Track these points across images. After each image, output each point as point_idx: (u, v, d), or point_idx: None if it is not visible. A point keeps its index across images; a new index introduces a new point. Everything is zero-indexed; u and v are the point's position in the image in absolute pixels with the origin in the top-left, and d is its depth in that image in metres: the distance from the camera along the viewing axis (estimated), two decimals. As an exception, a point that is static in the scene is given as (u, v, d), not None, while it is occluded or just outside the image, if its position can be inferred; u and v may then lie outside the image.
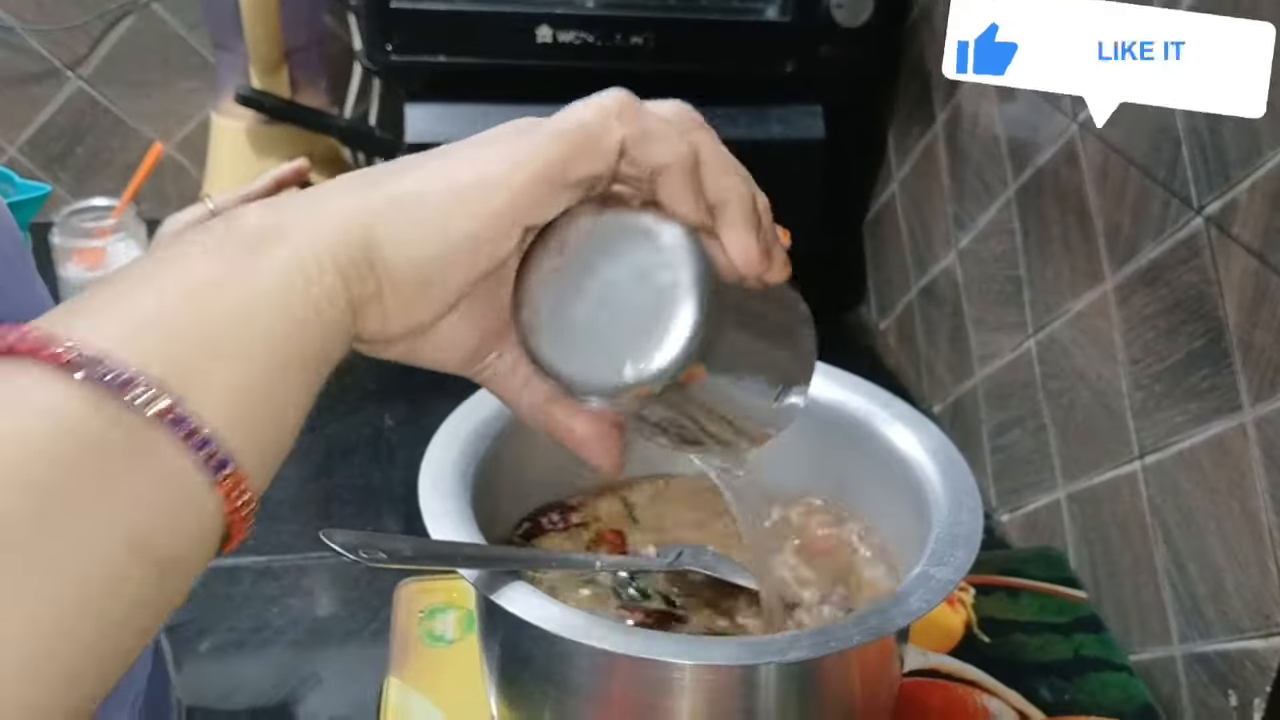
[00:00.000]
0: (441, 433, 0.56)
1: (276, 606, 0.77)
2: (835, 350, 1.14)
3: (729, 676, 0.48)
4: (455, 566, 0.49)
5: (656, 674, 0.48)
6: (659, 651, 0.46)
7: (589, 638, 0.46)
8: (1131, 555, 0.76)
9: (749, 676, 0.48)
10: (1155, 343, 0.73)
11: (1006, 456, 0.93)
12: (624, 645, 0.46)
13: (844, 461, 0.62)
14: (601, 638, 0.46)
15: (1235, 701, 0.67)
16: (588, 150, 0.37)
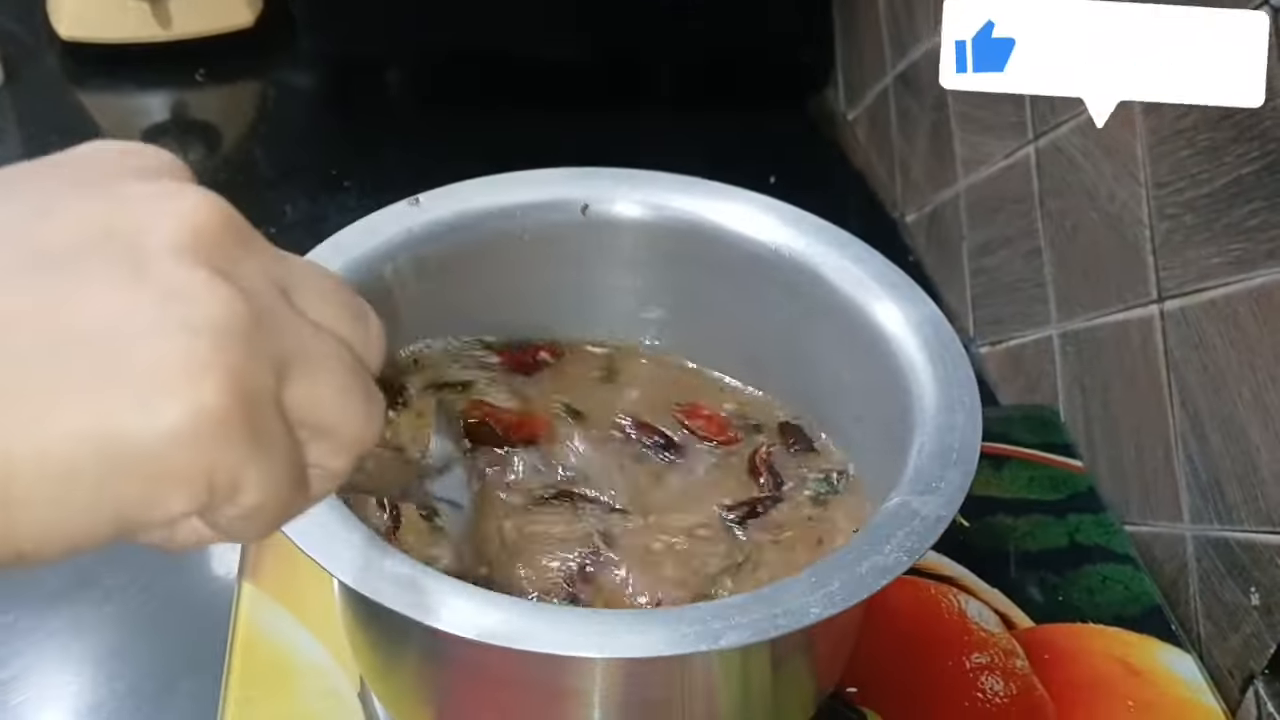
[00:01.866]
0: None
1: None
2: (793, 143, 1.01)
3: (648, 665, 0.36)
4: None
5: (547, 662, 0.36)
6: (553, 643, 0.34)
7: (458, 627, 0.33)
8: (1138, 413, 0.64)
9: (675, 663, 0.36)
10: (1191, 162, 0.59)
11: (990, 280, 0.80)
12: (504, 635, 0.33)
13: (798, 335, 0.48)
14: (473, 626, 0.33)
15: (1258, 601, 0.56)
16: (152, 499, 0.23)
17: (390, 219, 0.48)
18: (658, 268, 0.52)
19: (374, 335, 0.27)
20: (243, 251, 0.24)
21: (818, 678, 0.44)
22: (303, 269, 0.26)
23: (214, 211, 0.24)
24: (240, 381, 0.23)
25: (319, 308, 0.26)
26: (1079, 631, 0.56)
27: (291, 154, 0.95)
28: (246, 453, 0.23)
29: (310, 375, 0.25)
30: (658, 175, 0.52)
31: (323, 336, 0.25)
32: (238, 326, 0.23)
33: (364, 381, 0.26)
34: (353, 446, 0.26)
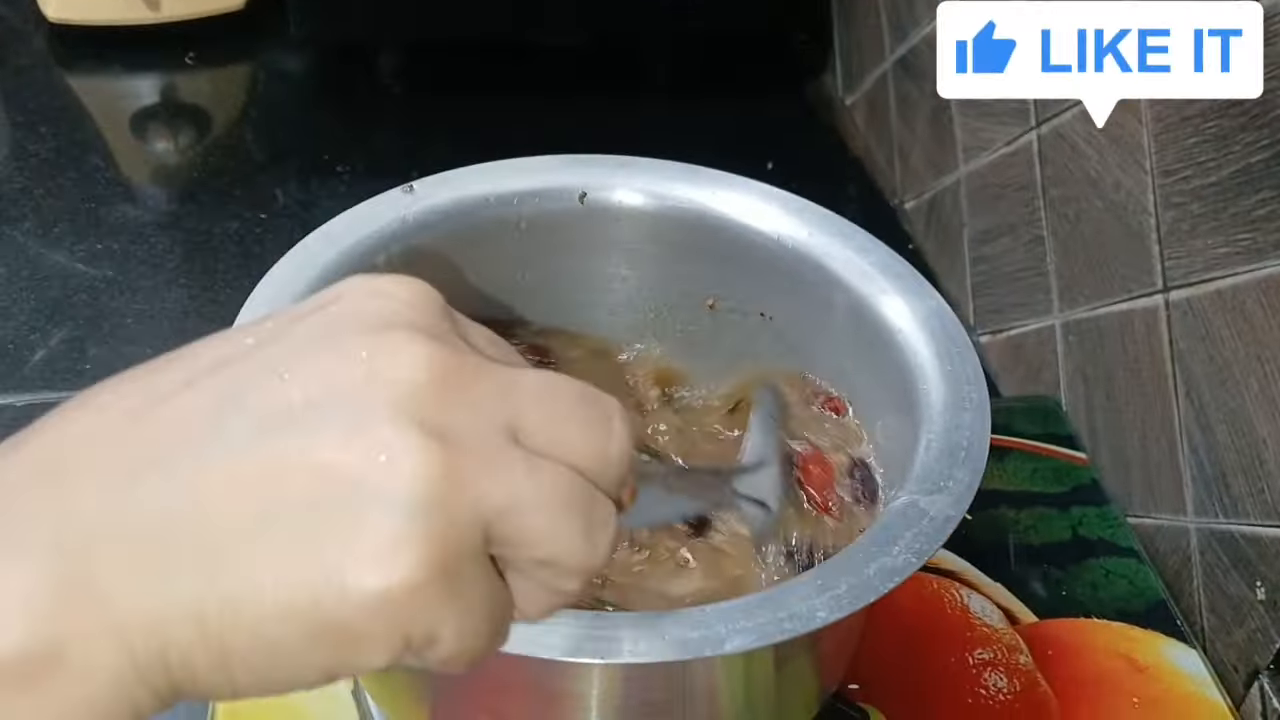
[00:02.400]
0: (252, 302, 0.41)
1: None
2: (791, 129, 1.00)
3: (650, 670, 0.35)
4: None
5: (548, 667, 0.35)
6: (555, 649, 0.33)
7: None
8: (1142, 404, 0.64)
9: (677, 668, 0.35)
10: (1198, 150, 0.58)
11: (991, 269, 0.79)
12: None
13: (799, 328, 0.47)
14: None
15: (1263, 595, 0.55)
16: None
17: (384, 206, 0.47)
18: (657, 257, 0.51)
19: (616, 444, 0.27)
20: (460, 398, 0.25)
21: (821, 677, 0.43)
22: (535, 394, 0.26)
23: (432, 364, 0.25)
24: (436, 550, 0.23)
25: (549, 433, 0.26)
26: (1083, 627, 0.55)
27: (283, 138, 0.94)
28: (442, 614, 0.24)
29: (521, 516, 0.25)
30: (657, 163, 0.51)
31: (541, 471, 0.25)
32: (437, 494, 0.24)
33: (586, 508, 0.26)
34: (578, 573, 0.26)
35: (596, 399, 0.27)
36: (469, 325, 0.27)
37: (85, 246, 0.80)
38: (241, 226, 0.84)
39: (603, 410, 0.27)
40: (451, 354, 0.25)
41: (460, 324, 0.27)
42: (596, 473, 0.26)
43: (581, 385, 0.27)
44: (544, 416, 0.26)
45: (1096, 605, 0.56)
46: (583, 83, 1.00)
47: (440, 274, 0.49)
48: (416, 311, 0.26)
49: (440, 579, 0.23)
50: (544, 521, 0.25)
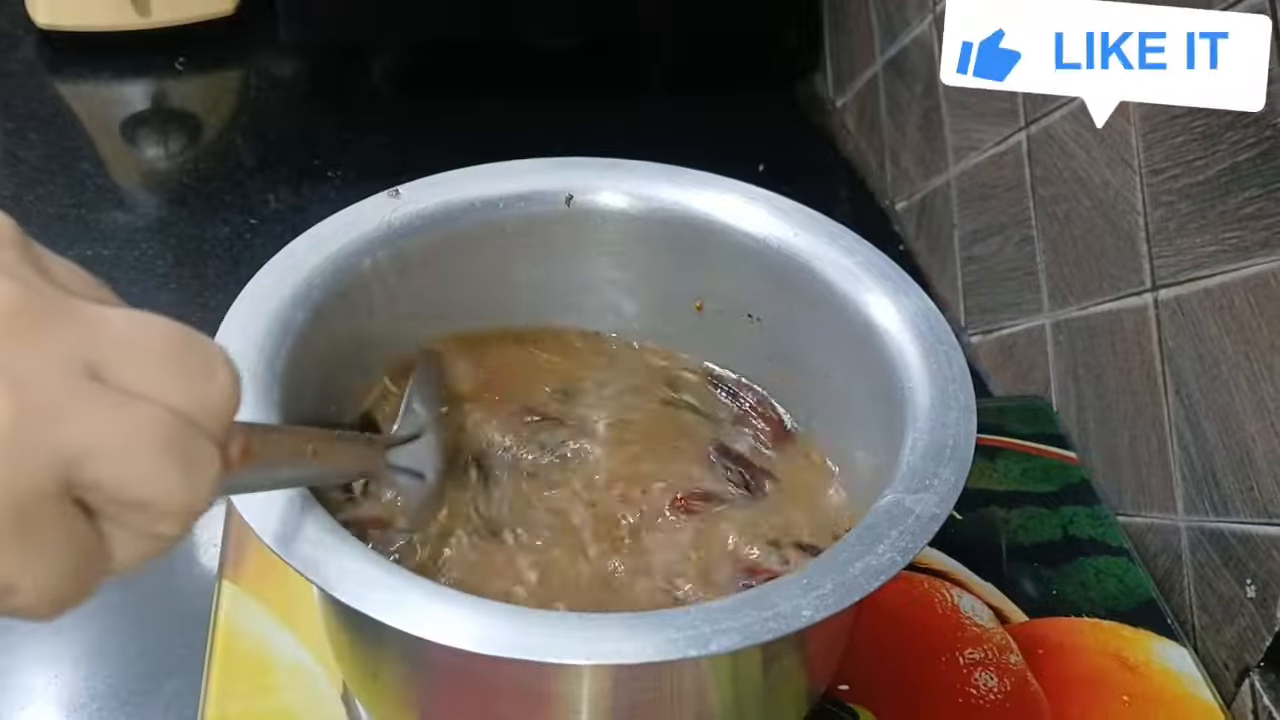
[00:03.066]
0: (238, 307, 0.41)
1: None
2: (780, 130, 0.99)
3: (637, 671, 0.35)
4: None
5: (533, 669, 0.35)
6: (539, 650, 0.33)
7: (441, 634, 0.32)
8: (1132, 402, 0.64)
9: (664, 668, 0.35)
10: (1186, 149, 0.58)
11: (982, 269, 0.79)
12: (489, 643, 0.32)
13: (786, 329, 0.47)
14: (457, 633, 0.32)
15: (1253, 594, 0.55)
16: None
17: (370, 210, 0.47)
18: (644, 260, 0.51)
19: (217, 389, 0.26)
20: (32, 336, 0.24)
21: (810, 678, 0.43)
22: (123, 332, 0.25)
23: (2, 302, 0.23)
24: (2, 495, 0.22)
25: (138, 372, 0.25)
26: (1073, 626, 0.55)
27: (273, 144, 0.94)
28: (15, 561, 0.23)
29: (106, 457, 0.24)
30: (643, 165, 0.51)
31: (127, 409, 0.24)
32: (3, 439, 0.22)
33: (183, 448, 0.25)
34: (177, 515, 0.25)
35: (197, 342, 0.26)
36: (52, 259, 0.26)
37: (75, 252, 0.80)
38: (232, 232, 0.84)
39: (203, 354, 0.26)
40: (19, 289, 0.24)
41: (42, 258, 0.26)
42: (194, 414, 0.25)
43: (182, 328, 0.26)
44: (133, 355, 0.25)
45: (1087, 604, 0.56)
46: (572, 86, 1.00)
47: (427, 277, 0.49)
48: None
49: (10, 526, 0.23)
50: (131, 462, 0.24)
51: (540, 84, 1.00)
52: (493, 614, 0.34)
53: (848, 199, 0.91)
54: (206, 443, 0.26)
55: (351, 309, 0.45)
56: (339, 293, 0.44)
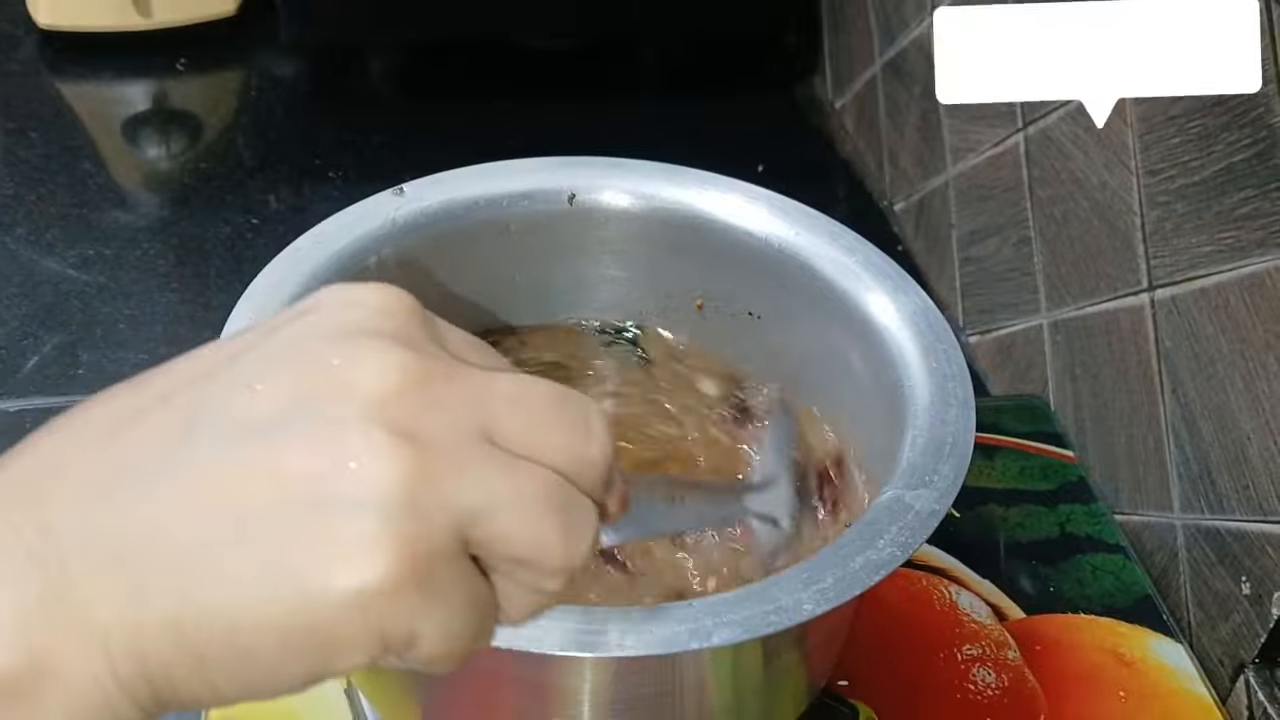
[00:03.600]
0: (242, 305, 0.41)
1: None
2: (779, 132, 1.00)
3: (639, 664, 0.36)
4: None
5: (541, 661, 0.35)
6: (544, 643, 0.33)
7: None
8: (1129, 401, 0.64)
9: (666, 661, 0.36)
10: (1182, 150, 0.59)
11: (979, 269, 0.80)
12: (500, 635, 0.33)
13: (786, 327, 0.48)
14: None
15: (1248, 590, 0.56)
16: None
17: (374, 208, 0.48)
18: (645, 258, 0.51)
19: (594, 446, 0.27)
20: (431, 402, 0.25)
21: (810, 672, 0.44)
22: (510, 397, 0.26)
23: (402, 370, 0.25)
24: (408, 549, 0.24)
25: (525, 435, 0.26)
26: (1070, 622, 0.55)
27: (275, 144, 0.94)
28: (418, 612, 0.24)
29: (496, 516, 0.25)
30: (645, 164, 0.51)
31: (517, 472, 0.25)
32: (407, 495, 0.24)
33: (563, 508, 0.26)
34: (556, 573, 0.26)
35: (574, 400, 0.27)
36: (448, 330, 0.28)
37: (77, 252, 0.81)
38: (233, 231, 0.84)
39: (581, 412, 0.27)
40: (423, 359, 0.25)
41: (438, 329, 0.27)
42: (575, 473, 0.26)
43: (559, 388, 0.27)
44: (520, 419, 0.26)
45: (1084, 601, 0.56)
46: (572, 86, 1.01)
47: (430, 275, 0.49)
48: (390, 318, 0.26)
49: (414, 579, 0.24)
50: (519, 521, 0.25)
51: (540, 85, 1.00)
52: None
53: (846, 200, 0.92)
54: (585, 500, 0.27)
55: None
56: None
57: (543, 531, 0.25)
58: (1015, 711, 0.51)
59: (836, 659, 0.46)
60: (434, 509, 0.24)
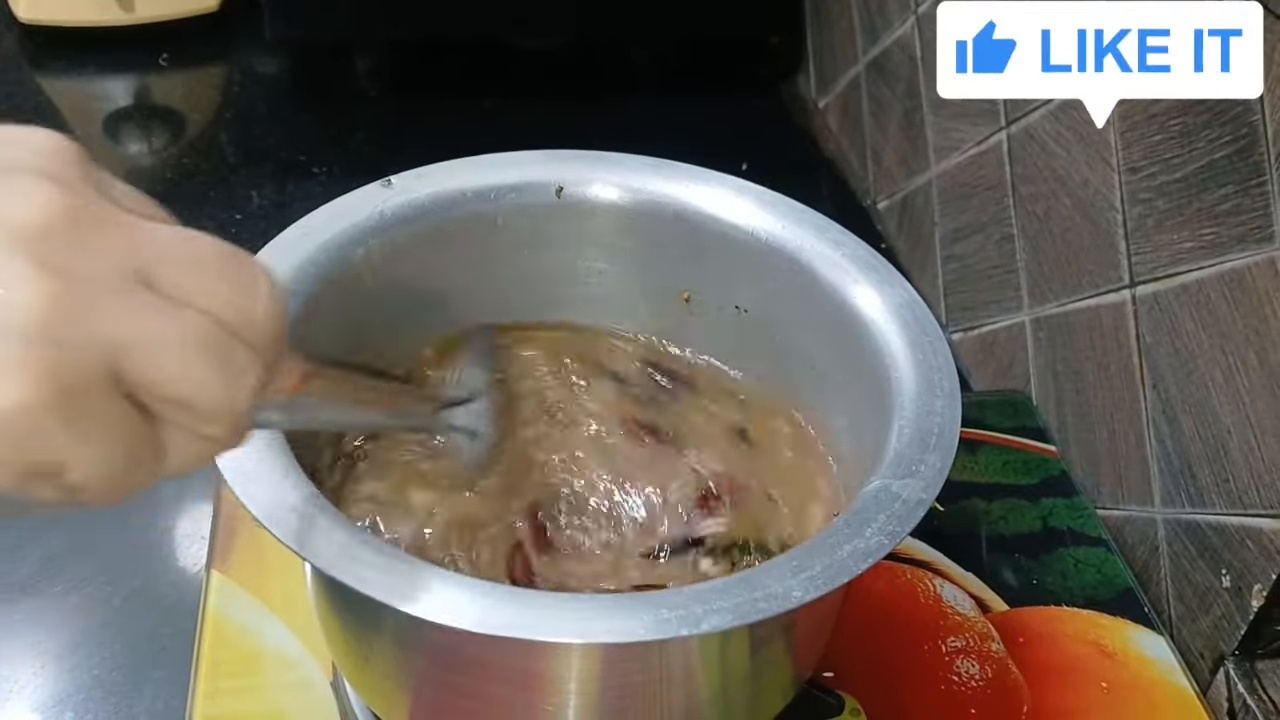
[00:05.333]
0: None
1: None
2: (763, 131, 1.00)
3: (627, 651, 0.36)
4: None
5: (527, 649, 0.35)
6: (533, 629, 0.33)
7: (438, 614, 0.33)
8: (1110, 397, 0.65)
9: (654, 649, 0.36)
10: (1163, 147, 0.59)
11: (962, 267, 0.80)
12: (483, 622, 0.33)
13: (773, 320, 0.48)
14: (453, 613, 0.33)
15: (1229, 583, 0.56)
16: None
17: (362, 200, 0.48)
18: (633, 251, 0.51)
19: (261, 304, 0.28)
20: (81, 240, 0.25)
21: (797, 662, 0.44)
22: (172, 245, 0.27)
23: (51, 207, 0.25)
24: (47, 375, 0.24)
25: (185, 281, 0.26)
26: (1052, 615, 0.56)
27: (257, 140, 0.94)
28: (61, 439, 0.25)
29: (149, 354, 0.26)
30: (632, 158, 0.51)
31: (170, 312, 0.26)
32: (48, 324, 0.24)
33: (221, 350, 0.27)
34: (219, 416, 0.27)
35: (245, 260, 0.28)
36: (114, 182, 0.28)
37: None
38: (216, 227, 0.82)
39: (249, 270, 0.28)
40: (76, 199, 0.26)
41: (103, 178, 0.28)
42: (238, 325, 0.27)
43: (230, 246, 0.28)
44: (179, 266, 0.27)
45: (1066, 594, 0.57)
46: (558, 85, 1.01)
47: (418, 267, 0.49)
48: (49, 159, 0.26)
49: (53, 405, 0.24)
50: (171, 360, 0.26)
51: (526, 84, 1.00)
52: (487, 594, 0.34)
53: (830, 198, 0.92)
54: (245, 350, 0.27)
55: (343, 297, 0.46)
56: (331, 280, 0.45)
57: (197, 371, 0.26)
58: (998, 702, 0.52)
59: (823, 650, 0.46)
60: (78, 341, 0.25)
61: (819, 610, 0.42)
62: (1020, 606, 0.56)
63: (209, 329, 0.26)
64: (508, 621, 0.33)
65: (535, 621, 0.33)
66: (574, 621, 0.34)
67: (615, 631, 0.33)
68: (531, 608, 0.34)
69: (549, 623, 0.33)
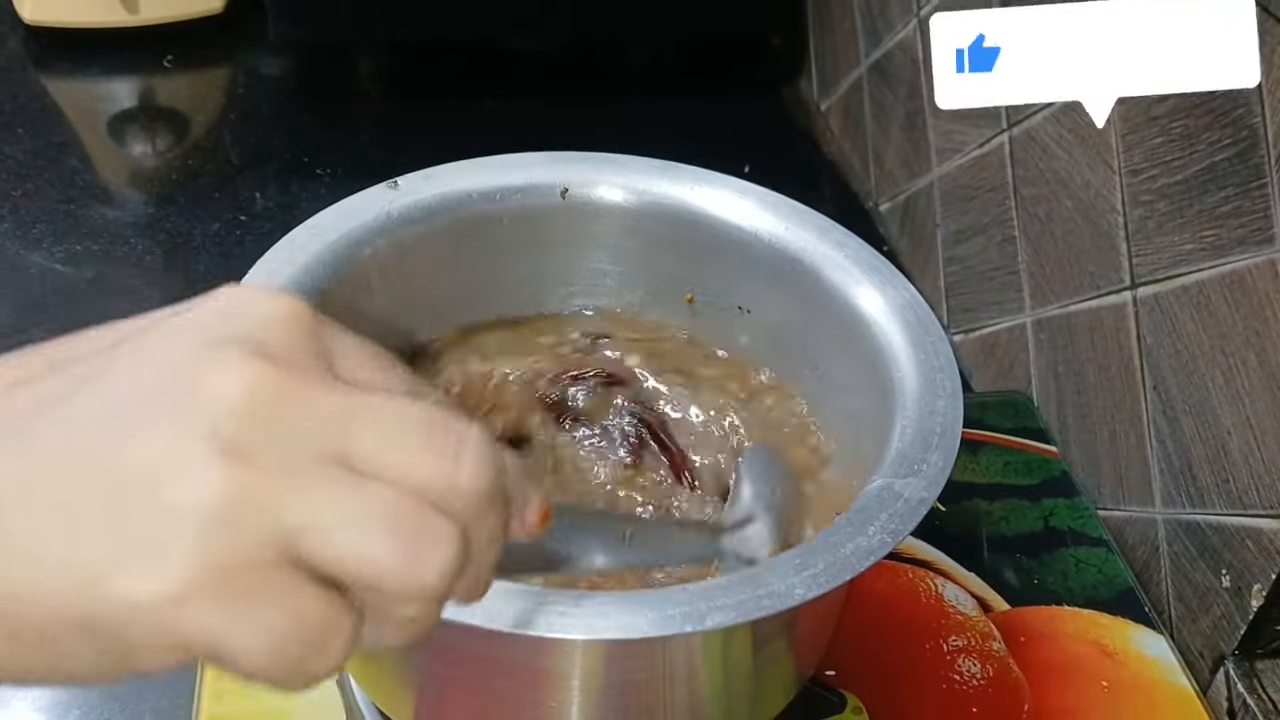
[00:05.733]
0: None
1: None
2: (766, 133, 1.01)
3: (631, 648, 0.36)
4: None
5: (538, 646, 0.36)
6: (540, 625, 0.33)
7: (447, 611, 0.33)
8: (1111, 398, 0.65)
9: (658, 645, 0.36)
10: (1164, 149, 0.60)
11: (964, 269, 0.81)
12: (490, 618, 0.33)
13: (776, 320, 0.48)
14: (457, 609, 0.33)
15: (1228, 583, 0.57)
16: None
17: (369, 201, 0.48)
18: (637, 252, 0.52)
19: (465, 469, 0.26)
20: (278, 420, 0.25)
21: (799, 660, 0.44)
22: (376, 419, 0.26)
23: (252, 385, 0.25)
24: (209, 561, 0.23)
25: (381, 454, 0.25)
26: (1053, 614, 0.56)
27: (262, 142, 0.94)
28: (219, 625, 0.24)
29: (330, 534, 0.24)
30: (637, 160, 0.52)
31: (359, 490, 0.25)
32: (221, 510, 0.24)
33: (411, 526, 0.25)
34: (403, 595, 0.25)
35: (447, 425, 0.26)
36: (347, 350, 0.27)
37: (64, 248, 0.81)
38: (221, 228, 0.84)
39: (454, 435, 0.26)
40: (284, 376, 0.25)
41: (331, 345, 0.27)
42: (437, 494, 0.25)
43: (437, 411, 0.26)
44: (379, 439, 0.25)
45: (1067, 593, 0.57)
46: (562, 86, 1.01)
47: (425, 267, 0.50)
48: (270, 330, 0.26)
49: (212, 591, 0.23)
50: (352, 539, 0.25)
51: (529, 85, 1.01)
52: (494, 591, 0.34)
53: (832, 200, 0.92)
54: (444, 523, 0.25)
55: (351, 297, 0.46)
56: (339, 280, 0.45)
57: (378, 550, 0.25)
58: (1000, 701, 0.52)
59: (825, 648, 0.46)
60: (251, 524, 0.24)
61: (821, 608, 0.42)
62: (1021, 606, 0.56)
63: (396, 502, 0.25)
64: (515, 618, 0.34)
65: (542, 618, 0.34)
66: (580, 618, 0.34)
67: (620, 628, 0.34)
68: (538, 604, 0.34)
69: (556, 619, 0.34)
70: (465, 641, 0.38)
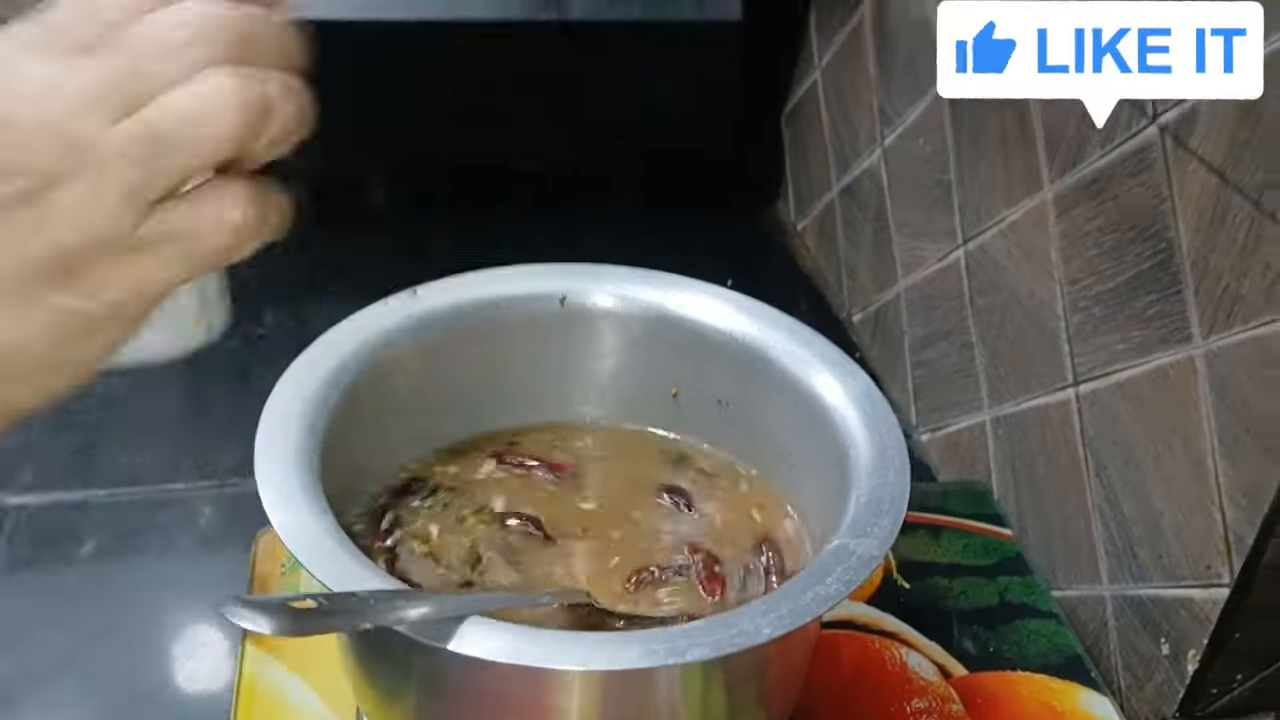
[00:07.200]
0: (284, 381, 0.48)
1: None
2: (748, 251, 1.09)
3: (620, 680, 0.42)
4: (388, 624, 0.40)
5: (537, 679, 0.41)
6: (538, 657, 0.39)
7: (459, 644, 0.39)
8: (1060, 486, 0.71)
9: (644, 679, 0.42)
10: (1097, 261, 0.67)
11: (929, 372, 0.87)
12: (498, 651, 0.39)
13: (750, 411, 0.55)
14: (472, 642, 0.39)
15: (1167, 650, 0.62)
16: None
17: (391, 308, 0.55)
18: (626, 352, 0.58)
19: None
20: None
21: (769, 708, 0.50)
22: None
23: None
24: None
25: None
26: (1008, 679, 0.61)
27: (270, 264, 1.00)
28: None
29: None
30: (625, 270, 0.59)
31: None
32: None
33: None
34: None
35: None
36: None
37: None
38: (239, 345, 0.91)
39: None
40: None
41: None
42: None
43: None
44: None
45: (1021, 660, 0.62)
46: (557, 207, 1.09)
47: (441, 367, 0.56)
48: None
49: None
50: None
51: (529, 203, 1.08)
52: (505, 632, 0.40)
53: (809, 311, 0.99)
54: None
55: (376, 393, 0.52)
56: (367, 375, 0.51)
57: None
58: (959, 757, 0.57)
59: (795, 700, 0.51)
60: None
61: (789, 655, 0.48)
62: (979, 672, 0.61)
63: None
64: (524, 652, 0.39)
65: (545, 653, 0.40)
66: (578, 652, 0.40)
67: (613, 660, 0.39)
68: (543, 643, 0.40)
69: (558, 653, 0.40)
70: (480, 678, 0.43)
